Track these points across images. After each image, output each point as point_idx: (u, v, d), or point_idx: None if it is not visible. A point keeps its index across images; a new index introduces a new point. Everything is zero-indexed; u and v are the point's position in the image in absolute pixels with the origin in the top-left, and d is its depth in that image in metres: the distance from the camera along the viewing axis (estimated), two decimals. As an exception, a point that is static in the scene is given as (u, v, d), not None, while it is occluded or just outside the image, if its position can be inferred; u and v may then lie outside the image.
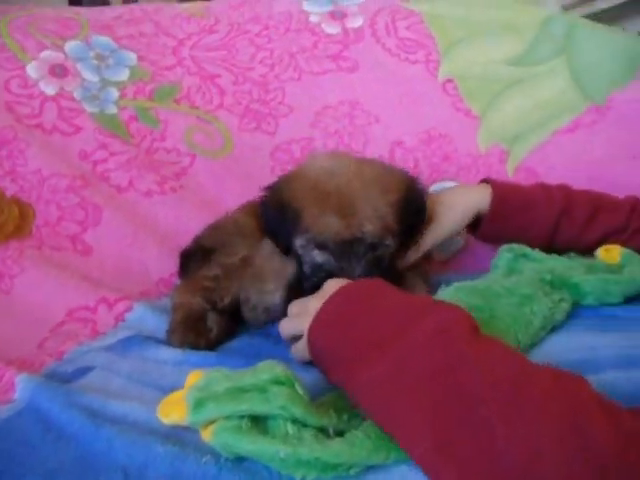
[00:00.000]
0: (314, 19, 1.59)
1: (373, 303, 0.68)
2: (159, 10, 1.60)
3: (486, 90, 1.51)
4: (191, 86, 1.46)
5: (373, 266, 0.90)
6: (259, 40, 1.56)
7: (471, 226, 1.10)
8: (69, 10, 1.62)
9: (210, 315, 1.03)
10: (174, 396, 0.63)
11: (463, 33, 1.58)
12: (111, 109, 1.38)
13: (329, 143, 1.45)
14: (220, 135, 1.44)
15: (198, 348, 0.96)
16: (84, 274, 1.14)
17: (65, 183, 1.22)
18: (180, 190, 1.33)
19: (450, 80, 1.52)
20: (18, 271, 1.09)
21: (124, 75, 1.43)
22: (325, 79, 1.52)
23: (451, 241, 1.23)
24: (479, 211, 1.06)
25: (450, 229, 1.07)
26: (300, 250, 0.94)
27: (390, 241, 0.92)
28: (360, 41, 1.56)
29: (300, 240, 0.93)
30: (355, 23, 1.58)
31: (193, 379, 0.63)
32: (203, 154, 1.40)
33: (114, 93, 1.40)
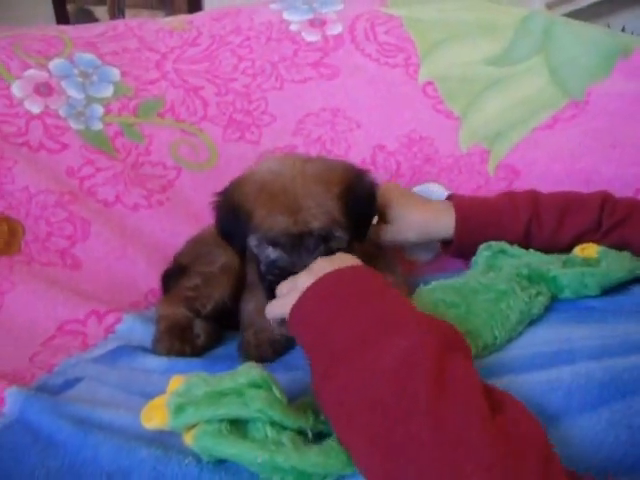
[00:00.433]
0: (294, 28, 1.60)
1: (359, 297, 0.70)
2: (142, 25, 1.63)
3: (466, 91, 1.52)
4: (175, 99, 1.48)
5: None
6: (241, 51, 1.57)
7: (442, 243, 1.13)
8: (54, 29, 1.64)
9: (197, 322, 1.05)
10: (156, 401, 0.64)
11: (442, 35, 1.59)
12: (96, 125, 1.39)
13: (312, 150, 1.46)
14: (205, 147, 1.45)
15: (184, 355, 0.98)
16: (74, 288, 1.16)
17: (53, 199, 1.24)
18: (167, 203, 1.35)
19: (430, 82, 1.53)
20: (8, 287, 1.10)
21: (108, 91, 1.45)
22: (306, 87, 1.54)
23: (426, 246, 1.24)
24: (441, 237, 1.09)
25: (405, 242, 1.12)
26: (255, 249, 0.97)
27: (340, 233, 0.94)
28: (340, 48, 1.57)
29: (253, 239, 0.96)
30: (334, 30, 1.60)
31: (175, 384, 0.65)
32: (188, 167, 1.42)
33: (99, 109, 1.42)
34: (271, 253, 0.95)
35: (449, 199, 1.15)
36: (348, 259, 0.81)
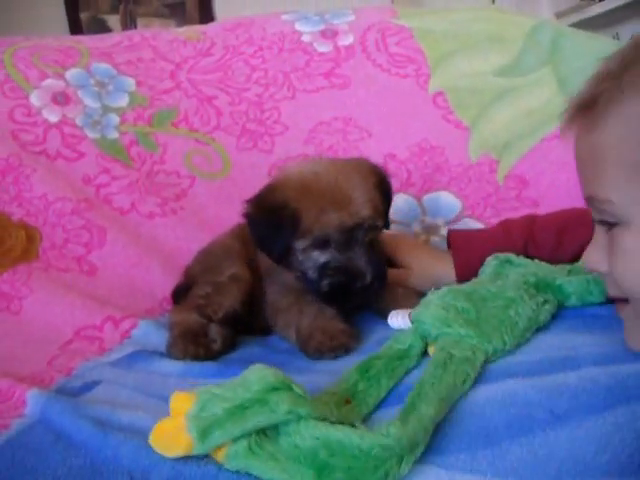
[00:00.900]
0: (306, 38, 1.63)
1: None
2: (157, 35, 1.66)
3: (476, 101, 1.54)
4: (188, 109, 1.51)
5: (371, 251, 0.98)
6: (254, 61, 1.60)
7: None
8: (70, 39, 1.67)
9: (212, 327, 1.07)
10: (168, 425, 0.64)
11: (452, 46, 1.62)
12: (112, 134, 1.42)
13: (324, 159, 1.49)
14: (218, 157, 1.48)
15: (198, 358, 0.99)
16: (90, 294, 1.18)
17: (70, 207, 1.27)
18: (180, 211, 1.37)
19: (440, 93, 1.55)
20: (27, 293, 1.13)
21: (124, 101, 1.48)
22: (318, 96, 1.57)
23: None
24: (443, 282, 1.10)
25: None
26: (301, 255, 0.99)
27: (380, 222, 1.00)
28: (351, 58, 1.60)
29: (301, 243, 0.98)
30: (346, 41, 1.63)
31: (182, 403, 0.64)
32: (202, 176, 1.45)
33: (115, 119, 1.45)
34: (320, 256, 0.98)
35: (448, 238, 1.18)
36: None
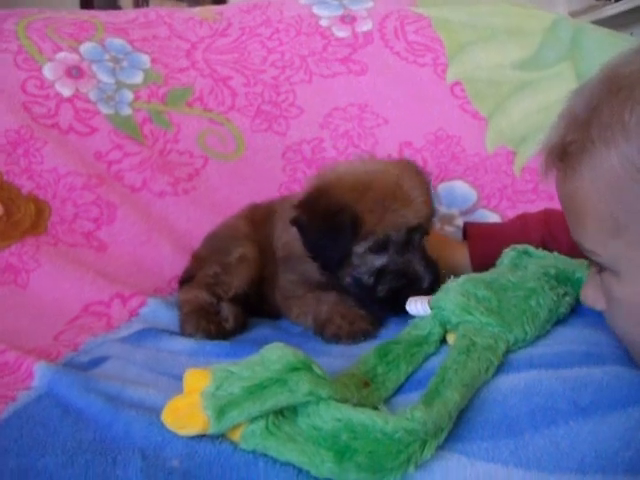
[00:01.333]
0: (324, 23, 1.61)
1: None
2: (172, 14, 1.64)
3: (493, 93, 1.53)
4: (204, 88, 1.49)
5: (423, 253, 0.95)
6: (270, 43, 1.58)
7: None
8: (85, 13, 1.65)
9: (224, 306, 1.05)
10: (180, 403, 0.62)
11: (471, 37, 1.60)
12: (126, 111, 1.41)
13: (339, 144, 1.47)
14: (232, 137, 1.46)
15: (210, 335, 0.98)
16: (99, 270, 1.17)
17: (81, 181, 1.25)
18: (192, 192, 1.36)
19: (458, 83, 1.54)
20: (34, 266, 1.12)
21: (138, 78, 1.46)
22: (335, 82, 1.55)
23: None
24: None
25: None
26: (357, 260, 0.95)
27: (432, 223, 0.99)
28: (369, 44, 1.58)
29: (361, 247, 0.93)
30: (364, 27, 1.61)
31: (196, 381, 0.62)
32: (216, 157, 1.43)
33: (129, 95, 1.43)
34: (376, 260, 0.94)
35: (464, 228, 1.17)
36: None
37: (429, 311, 0.79)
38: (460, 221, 1.31)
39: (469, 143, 1.46)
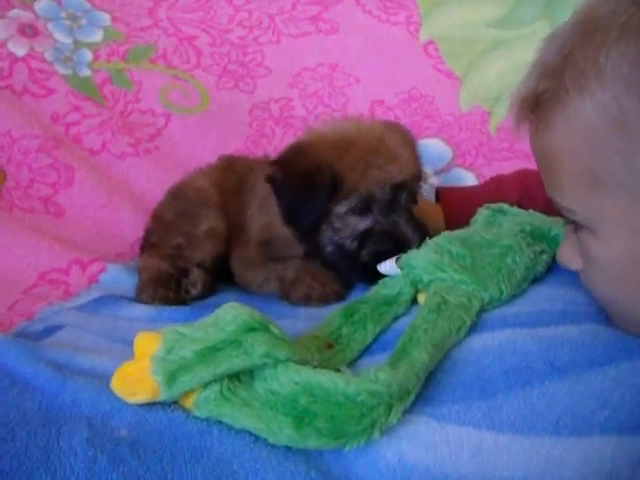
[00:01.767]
0: (293, -20, 1.55)
1: None
2: (134, -29, 1.56)
3: (467, 52, 1.49)
4: (167, 47, 1.43)
5: (410, 216, 0.89)
6: (237, 1, 1.52)
7: None
8: (40, -30, 1.57)
9: (195, 270, 1.00)
10: (131, 368, 0.57)
11: (445, -5, 1.55)
12: (84, 71, 1.34)
13: (308, 103, 1.42)
14: (197, 92, 1.41)
15: (169, 302, 0.94)
16: (57, 236, 1.11)
17: (36, 144, 1.19)
18: (155, 152, 1.30)
19: (431, 42, 1.50)
20: (-12, 233, 1.06)
21: (98, 36, 1.39)
22: (304, 41, 1.49)
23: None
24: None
25: None
26: (339, 222, 0.88)
27: (420, 186, 0.93)
28: (339, 3, 1.53)
29: (342, 207, 0.87)
30: (335, -16, 1.55)
31: (147, 346, 0.58)
32: (179, 112, 1.37)
33: (87, 55, 1.37)
34: (360, 222, 0.88)
35: (437, 193, 1.13)
36: None
37: (398, 270, 0.75)
38: (435, 180, 1.27)
39: (443, 102, 1.42)
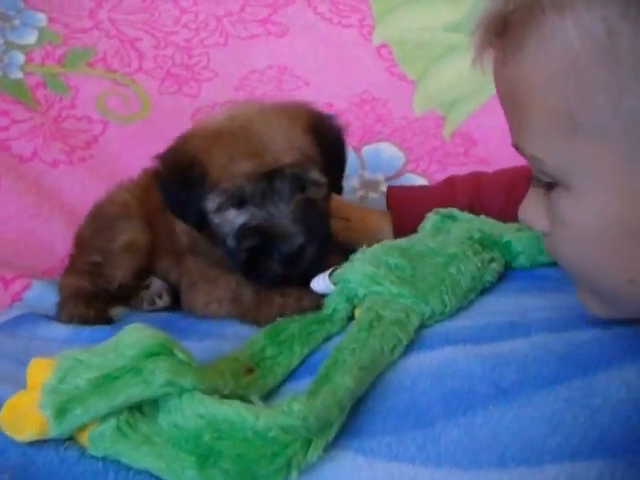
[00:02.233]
0: (243, -20, 1.49)
1: None
2: (75, -31, 1.49)
3: (422, 56, 1.44)
4: (108, 50, 1.36)
5: (306, 210, 0.78)
6: (183, 3, 1.45)
7: None
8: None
9: (155, 280, 0.96)
10: (18, 401, 0.51)
11: (399, -1, 1.51)
12: (16, 74, 1.27)
13: (254, 107, 1.36)
14: (137, 99, 1.34)
15: (88, 321, 0.88)
16: (-22, 250, 1.03)
17: (-42, 151, 1.11)
18: (90, 160, 1.23)
19: (385, 45, 1.45)
20: None
21: (32, 37, 1.32)
22: (252, 43, 1.44)
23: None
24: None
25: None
26: (216, 218, 0.81)
27: (316, 174, 0.80)
28: (290, 4, 1.47)
29: (212, 201, 0.79)
30: (286, -15, 1.49)
31: (39, 374, 0.51)
32: (117, 120, 1.30)
33: (19, 57, 1.30)
34: (237, 216, 0.79)
35: (387, 195, 1.07)
36: None
37: (331, 286, 0.69)
38: (385, 187, 1.21)
39: (396, 106, 1.37)
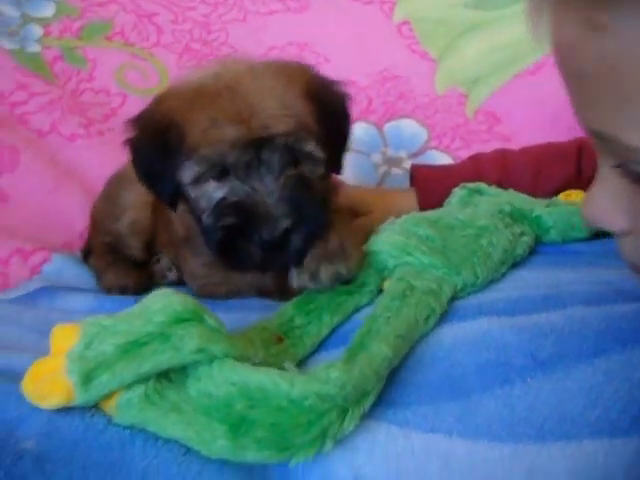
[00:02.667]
0: (262, -44, 1.47)
1: None
2: (92, -57, 1.47)
3: (444, 33, 1.42)
4: (125, 24, 1.35)
5: (297, 188, 0.67)
6: (201, -22, 1.44)
7: None
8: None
9: (162, 257, 0.94)
10: (42, 368, 0.48)
11: (421, -25, 1.48)
12: (33, 47, 1.26)
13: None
14: (156, 72, 1.32)
15: (126, 292, 0.89)
16: (-2, 223, 1.02)
17: (-23, 125, 1.10)
18: (108, 133, 1.21)
19: (406, 22, 1.43)
20: None
21: (49, 11, 1.31)
22: (271, 20, 1.42)
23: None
24: None
25: None
26: (192, 191, 0.70)
27: (313, 147, 0.68)
28: (310, -19, 1.45)
29: (188, 171, 0.68)
30: (306, -39, 1.47)
31: (64, 340, 0.49)
32: (135, 93, 1.28)
33: (37, 30, 1.28)
34: (217, 190, 0.68)
35: (411, 174, 1.05)
36: None
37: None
38: (408, 164, 1.18)
39: (418, 84, 1.34)
